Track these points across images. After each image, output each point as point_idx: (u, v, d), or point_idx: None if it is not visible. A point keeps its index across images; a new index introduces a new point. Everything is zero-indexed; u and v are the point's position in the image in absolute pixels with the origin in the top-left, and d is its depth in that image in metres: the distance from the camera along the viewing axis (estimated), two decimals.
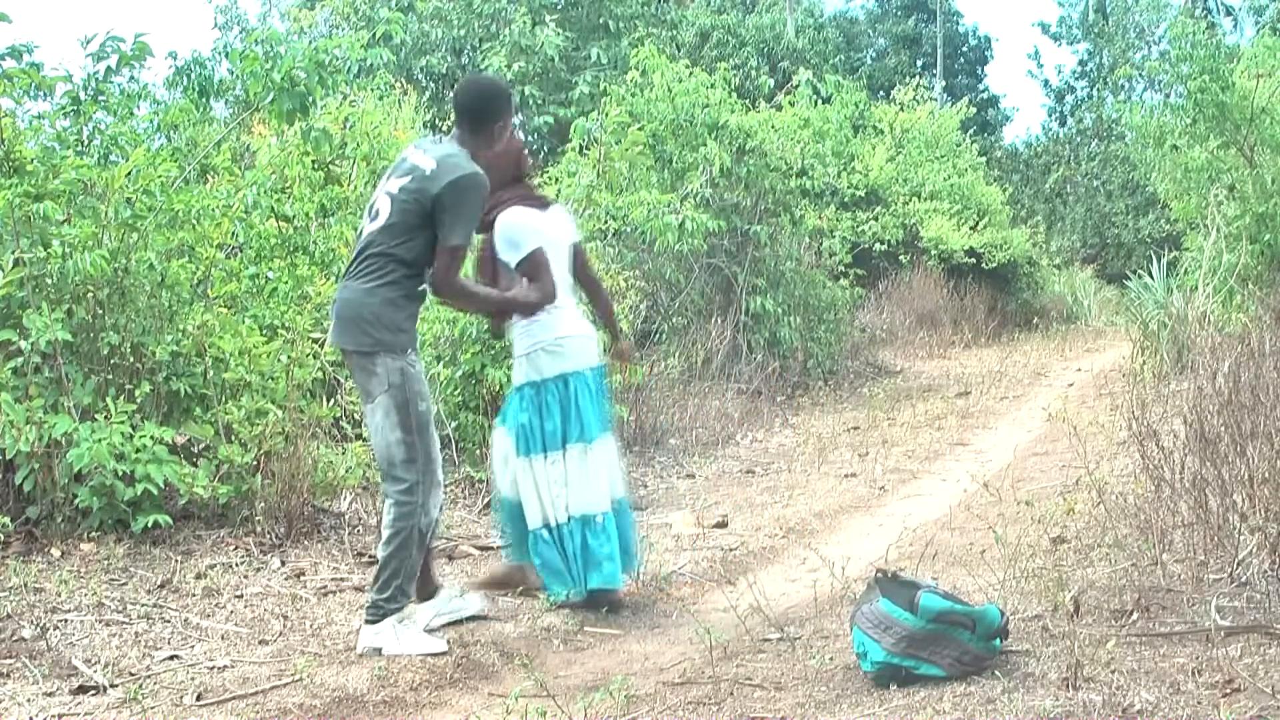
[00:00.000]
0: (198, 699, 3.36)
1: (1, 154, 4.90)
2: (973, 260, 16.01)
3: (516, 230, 4.15)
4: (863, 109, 15.63)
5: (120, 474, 4.46)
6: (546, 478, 4.14)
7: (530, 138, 16.29)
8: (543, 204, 4.34)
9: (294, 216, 6.15)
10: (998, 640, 3.27)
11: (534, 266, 4.10)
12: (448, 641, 3.83)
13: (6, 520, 4.31)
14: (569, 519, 4.16)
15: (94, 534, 4.56)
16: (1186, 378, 7.12)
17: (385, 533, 3.77)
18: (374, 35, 7.45)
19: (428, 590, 4.01)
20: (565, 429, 4.16)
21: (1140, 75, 23.68)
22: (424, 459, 3.77)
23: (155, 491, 4.54)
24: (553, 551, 4.16)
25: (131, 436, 4.52)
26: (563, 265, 4.26)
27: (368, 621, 3.79)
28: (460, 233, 3.70)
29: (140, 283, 4.92)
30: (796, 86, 11.41)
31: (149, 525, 4.56)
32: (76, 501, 4.53)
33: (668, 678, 3.52)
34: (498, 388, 5.94)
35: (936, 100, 23.35)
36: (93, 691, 3.37)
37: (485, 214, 3.99)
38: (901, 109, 17.59)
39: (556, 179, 8.67)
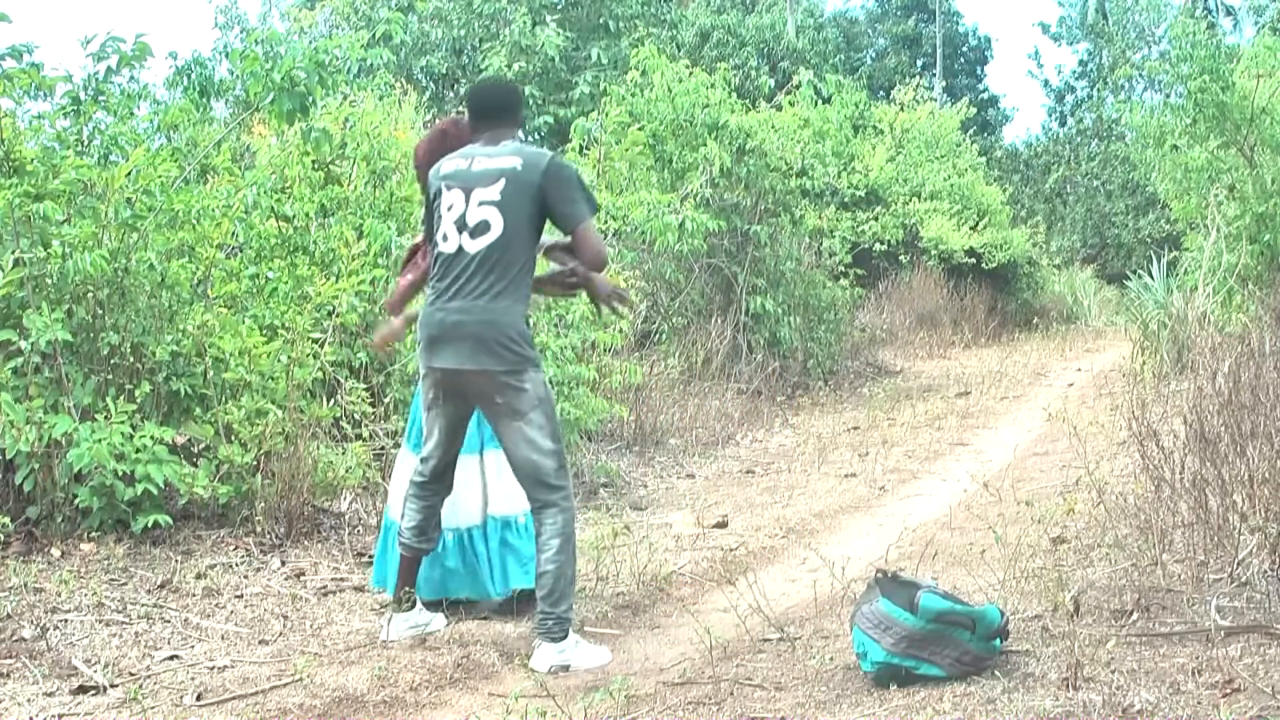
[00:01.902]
0: (198, 699, 3.36)
1: (1, 154, 4.90)
2: (973, 260, 16.02)
3: None
4: (863, 109, 15.63)
5: (120, 474, 4.45)
6: (460, 480, 4.01)
7: (530, 138, 16.29)
8: None
9: (294, 216, 6.13)
10: (998, 640, 3.27)
11: None
12: (448, 642, 3.83)
13: (6, 520, 4.31)
14: (485, 521, 4.11)
15: (94, 534, 4.56)
16: (1186, 378, 7.13)
17: (552, 542, 3.62)
18: (374, 35, 7.46)
19: (408, 600, 3.91)
20: (480, 433, 4.08)
21: (1140, 75, 23.69)
22: (567, 466, 3.76)
23: (155, 491, 4.53)
24: (457, 557, 4.08)
25: (131, 436, 4.51)
26: None
27: (551, 639, 3.62)
28: (588, 206, 3.67)
29: (140, 283, 4.92)
30: (797, 86, 11.39)
31: (149, 525, 4.56)
32: (76, 501, 4.53)
33: (668, 678, 3.52)
34: None
35: (936, 100, 23.37)
36: (93, 691, 3.37)
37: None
38: (901, 109, 17.60)
39: None
